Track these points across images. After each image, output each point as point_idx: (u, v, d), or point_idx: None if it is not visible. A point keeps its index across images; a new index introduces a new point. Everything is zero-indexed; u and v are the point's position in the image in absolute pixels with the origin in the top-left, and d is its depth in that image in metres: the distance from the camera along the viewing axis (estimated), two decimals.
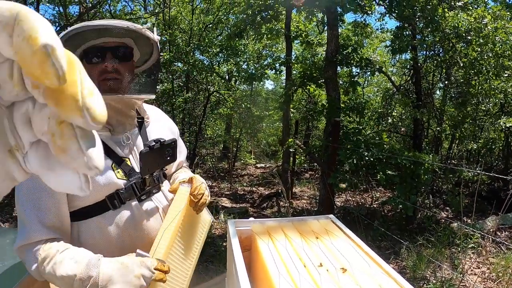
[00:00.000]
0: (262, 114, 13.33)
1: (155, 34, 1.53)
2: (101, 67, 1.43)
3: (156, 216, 1.59)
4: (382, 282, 1.24)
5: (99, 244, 1.45)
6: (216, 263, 5.00)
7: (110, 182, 1.44)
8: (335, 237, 1.59)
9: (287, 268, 1.27)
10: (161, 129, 1.77)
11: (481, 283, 4.61)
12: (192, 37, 12.20)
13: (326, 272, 1.27)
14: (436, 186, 8.45)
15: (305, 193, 9.96)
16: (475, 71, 7.33)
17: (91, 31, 1.37)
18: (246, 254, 1.58)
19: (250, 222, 1.71)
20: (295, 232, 1.60)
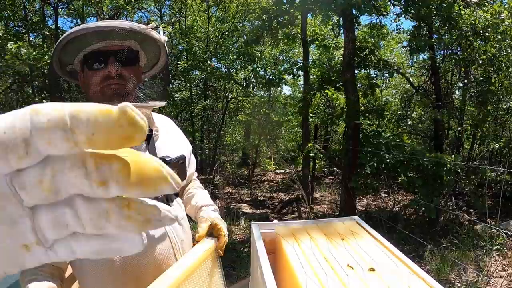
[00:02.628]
0: (281, 119, 13.31)
1: (161, 34, 1.40)
2: (104, 73, 1.32)
3: (165, 242, 1.45)
4: (410, 283, 1.23)
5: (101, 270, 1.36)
6: (237, 268, 4.98)
7: None
8: (361, 238, 1.57)
9: (314, 270, 1.26)
10: (171, 142, 1.62)
11: (508, 285, 4.52)
12: (208, 45, 12.29)
13: (353, 272, 1.26)
14: (458, 187, 8.32)
15: (326, 198, 9.90)
16: (494, 68, 7.21)
17: (92, 34, 1.27)
18: (270, 257, 1.56)
19: (273, 224, 1.70)
20: (320, 234, 1.59)
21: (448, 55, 8.42)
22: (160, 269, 1.37)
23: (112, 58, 1.32)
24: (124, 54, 1.35)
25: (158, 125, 1.58)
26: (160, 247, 1.42)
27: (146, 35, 1.33)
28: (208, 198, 1.79)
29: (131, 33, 1.31)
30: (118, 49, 1.34)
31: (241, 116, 12.93)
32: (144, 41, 1.42)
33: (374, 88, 7.26)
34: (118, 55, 1.33)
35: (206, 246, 1.47)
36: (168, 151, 1.54)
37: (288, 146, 17.51)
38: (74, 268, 1.43)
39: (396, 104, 12.54)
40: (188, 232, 1.63)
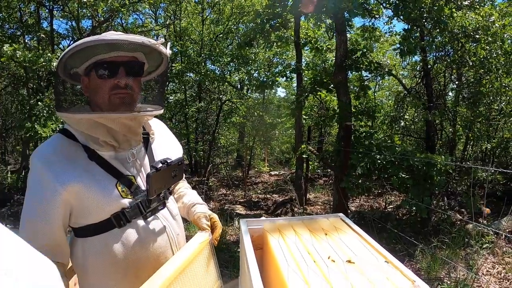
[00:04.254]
0: (275, 121, 13.35)
1: (167, 49, 1.49)
2: (113, 83, 1.40)
3: (163, 235, 1.55)
4: (389, 274, 1.29)
5: (103, 262, 1.43)
6: (230, 268, 5.03)
7: (115, 201, 1.41)
8: (344, 233, 1.64)
9: (296, 262, 1.33)
10: (166, 145, 1.74)
11: (497, 283, 4.59)
12: (203, 47, 12.34)
13: (334, 264, 1.33)
14: (450, 188, 8.41)
15: (319, 199, 9.96)
16: (485, 70, 7.29)
17: (105, 45, 1.34)
18: (259, 252, 1.63)
19: (261, 221, 1.77)
20: (305, 229, 1.66)
21: (440, 57, 8.49)
22: (158, 261, 1.48)
23: (121, 69, 1.40)
24: (132, 66, 1.44)
25: (153, 128, 1.68)
26: (159, 241, 1.52)
27: (154, 50, 1.43)
28: (198, 197, 1.89)
29: (141, 47, 1.41)
30: (127, 60, 1.42)
31: (235, 118, 12.97)
32: (150, 53, 1.52)
33: (366, 89, 7.32)
34: (126, 66, 1.41)
35: (201, 239, 1.56)
36: (165, 152, 1.65)
37: (283, 148, 17.56)
38: (76, 264, 1.50)
39: (390, 106, 12.61)
40: (182, 227, 1.73)
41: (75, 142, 1.43)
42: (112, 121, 1.39)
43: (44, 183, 1.36)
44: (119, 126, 1.42)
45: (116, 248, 1.43)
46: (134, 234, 1.46)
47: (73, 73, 1.48)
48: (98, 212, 1.41)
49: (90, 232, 1.44)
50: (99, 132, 1.40)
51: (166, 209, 1.62)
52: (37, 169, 1.38)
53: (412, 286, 1.23)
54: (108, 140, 1.42)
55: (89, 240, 1.44)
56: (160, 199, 1.56)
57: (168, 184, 1.58)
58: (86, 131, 1.40)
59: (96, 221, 1.42)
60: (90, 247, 1.44)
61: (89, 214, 1.41)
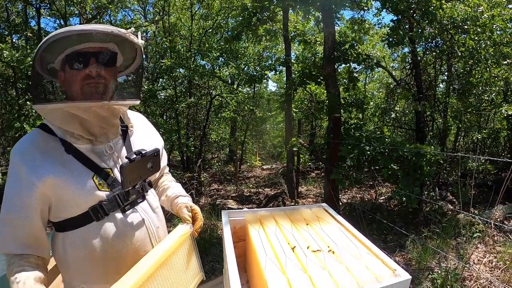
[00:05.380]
0: (266, 115, 13.33)
1: (139, 38, 1.50)
2: (85, 73, 1.40)
3: (142, 228, 1.55)
4: (369, 263, 1.28)
5: (82, 255, 1.44)
6: (221, 262, 5.03)
7: (92, 194, 1.42)
8: (326, 223, 1.63)
9: (275, 252, 1.32)
10: (145, 137, 1.74)
11: (488, 272, 4.61)
12: (192, 42, 12.27)
13: (313, 254, 1.31)
14: (442, 178, 8.43)
15: (311, 192, 9.97)
16: (474, 61, 7.28)
17: (75, 36, 1.34)
18: (242, 243, 1.62)
19: (243, 212, 1.76)
20: (287, 220, 1.65)
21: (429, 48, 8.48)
22: (138, 255, 1.48)
23: (93, 59, 1.41)
24: (104, 56, 1.44)
25: (132, 121, 1.69)
26: (137, 234, 1.53)
27: (125, 39, 1.43)
28: (182, 189, 1.89)
29: (111, 37, 1.40)
30: (99, 51, 1.43)
31: (226, 113, 12.93)
32: (122, 44, 1.51)
33: (355, 81, 7.31)
34: (98, 56, 1.42)
35: (182, 231, 1.56)
36: (143, 145, 1.65)
37: (274, 142, 17.56)
38: (57, 258, 1.51)
39: (380, 98, 12.61)
40: (162, 220, 1.73)
41: (53, 136, 1.44)
42: (84, 111, 1.38)
43: (21, 177, 1.37)
44: (92, 117, 1.40)
45: (94, 242, 1.43)
46: (112, 227, 1.46)
47: (50, 68, 1.47)
48: (75, 205, 1.41)
49: (69, 226, 1.44)
50: (72, 125, 1.40)
51: (146, 201, 1.62)
52: (15, 163, 1.40)
53: (393, 274, 1.22)
54: (82, 133, 1.42)
55: (68, 234, 1.45)
56: (138, 191, 1.56)
57: (144, 175, 1.57)
58: (60, 125, 1.41)
59: (74, 214, 1.42)
60: (69, 241, 1.45)
61: (67, 208, 1.42)
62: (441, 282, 4.10)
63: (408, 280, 1.20)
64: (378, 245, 1.50)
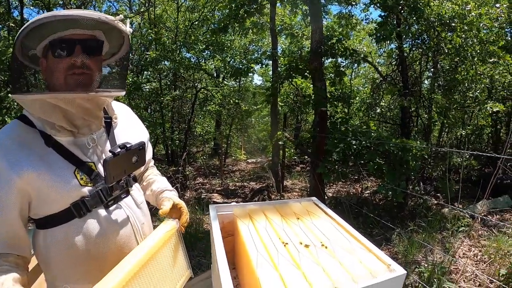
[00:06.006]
0: (251, 109, 13.30)
1: (127, 26, 1.41)
2: (69, 62, 1.31)
3: (127, 225, 1.48)
4: (362, 258, 1.25)
5: (64, 254, 1.37)
6: (208, 257, 5.00)
7: (73, 189, 1.35)
8: (317, 217, 1.60)
9: (266, 247, 1.28)
10: (129, 129, 1.67)
11: (473, 265, 4.66)
12: (178, 34, 12.17)
13: (305, 249, 1.28)
14: (426, 173, 8.50)
15: (297, 185, 9.99)
16: (461, 58, 7.33)
17: (60, 21, 1.24)
18: (231, 239, 1.58)
19: (232, 206, 1.72)
20: (276, 214, 1.61)
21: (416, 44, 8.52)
22: (122, 253, 1.41)
23: (78, 47, 1.32)
24: (90, 44, 1.36)
25: (116, 112, 1.60)
26: (122, 232, 1.46)
27: (113, 27, 1.34)
28: (168, 184, 1.82)
29: (99, 23, 1.30)
30: (84, 38, 1.34)
31: (211, 106, 12.88)
32: (110, 31, 1.42)
33: (342, 76, 7.32)
34: (84, 44, 1.33)
35: (168, 227, 1.51)
36: (127, 137, 1.58)
37: (259, 135, 17.57)
38: (39, 256, 1.43)
39: (366, 93, 12.67)
40: (148, 215, 1.66)
41: (32, 128, 1.35)
42: (68, 103, 1.30)
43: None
44: (76, 108, 1.33)
45: (77, 239, 1.36)
46: (95, 224, 1.39)
47: (31, 55, 1.38)
48: (56, 201, 1.33)
49: (50, 223, 1.37)
50: (54, 116, 1.32)
51: (130, 197, 1.55)
52: None
53: (388, 269, 1.19)
54: (64, 125, 1.34)
55: (49, 231, 1.37)
56: (122, 186, 1.49)
57: (128, 170, 1.50)
58: (42, 115, 1.32)
59: (55, 211, 1.35)
60: (51, 239, 1.37)
61: (48, 204, 1.34)
62: (428, 275, 4.13)
63: (403, 275, 1.18)
64: None
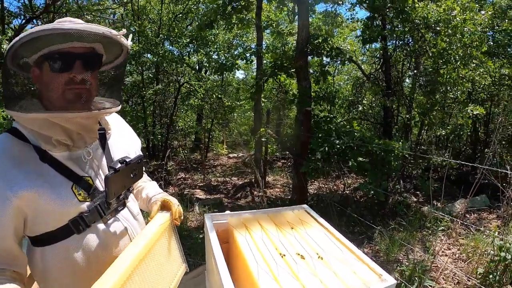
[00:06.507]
0: (234, 104, 13.29)
1: (129, 40, 1.40)
2: (68, 77, 1.27)
3: (125, 238, 1.47)
4: (355, 268, 1.30)
5: (64, 271, 1.34)
6: (193, 255, 5.00)
7: (71, 206, 1.31)
8: (309, 226, 1.64)
9: (265, 259, 1.32)
10: (123, 140, 1.63)
11: (452, 263, 4.78)
12: (161, 27, 12.09)
13: (302, 260, 1.32)
14: (406, 171, 8.63)
15: (278, 181, 10.04)
16: (443, 61, 7.45)
17: (61, 35, 1.20)
18: (224, 246, 1.61)
19: (226, 215, 1.75)
20: (271, 224, 1.65)
21: (400, 45, 8.62)
22: None
23: (78, 62, 1.27)
24: (90, 58, 1.32)
25: (110, 123, 1.57)
26: (121, 244, 1.45)
27: (115, 41, 1.32)
28: (157, 188, 1.82)
29: (101, 38, 1.27)
30: (84, 52, 1.30)
31: (193, 100, 12.83)
32: (110, 44, 1.38)
33: (326, 75, 7.37)
34: (83, 59, 1.29)
35: (161, 220, 1.51)
36: (122, 149, 1.56)
37: (241, 129, 17.56)
38: (37, 274, 1.40)
39: (348, 90, 12.77)
40: (143, 226, 1.64)
41: (25, 143, 1.30)
42: (67, 121, 1.28)
43: None
44: (74, 125, 1.32)
45: (77, 255, 1.34)
46: (95, 239, 1.38)
47: (22, 63, 1.30)
48: (54, 219, 1.30)
49: (48, 241, 1.33)
50: (53, 131, 1.28)
51: (127, 209, 1.54)
52: None
53: (379, 280, 1.24)
54: (62, 138, 1.31)
55: (48, 249, 1.33)
56: (120, 200, 1.48)
57: (127, 184, 1.49)
58: (39, 129, 1.28)
59: (53, 228, 1.31)
60: (49, 256, 1.33)
61: (45, 222, 1.30)
62: (409, 273, 4.24)
63: (394, 284, 1.22)
64: (347, 237, 1.53)
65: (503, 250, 4.02)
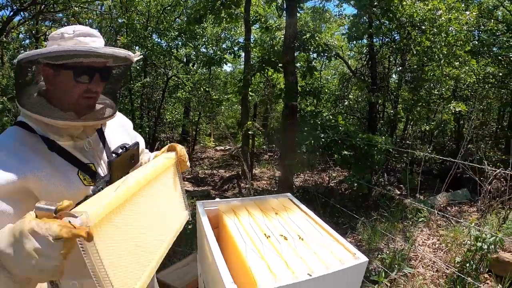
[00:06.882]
0: (221, 97, 13.32)
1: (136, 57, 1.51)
2: (86, 87, 1.41)
3: None
4: (332, 248, 1.46)
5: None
6: (183, 245, 5.12)
7: (79, 190, 1.41)
8: (292, 212, 1.80)
9: (252, 240, 1.47)
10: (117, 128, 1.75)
11: (432, 252, 4.97)
12: (150, 19, 12.06)
13: (285, 241, 1.48)
14: (390, 165, 8.81)
15: (265, 174, 10.16)
16: (428, 58, 7.59)
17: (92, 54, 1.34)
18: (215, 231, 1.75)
19: (216, 202, 1.89)
20: (257, 210, 1.80)
21: (386, 42, 8.75)
22: None
23: (97, 75, 1.42)
24: (105, 72, 1.47)
25: None
26: None
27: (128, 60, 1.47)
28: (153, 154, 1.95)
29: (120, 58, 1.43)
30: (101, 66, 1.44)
31: (181, 93, 12.85)
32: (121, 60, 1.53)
33: (313, 70, 7.49)
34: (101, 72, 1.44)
35: (168, 155, 1.64)
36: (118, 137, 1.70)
37: (228, 122, 17.60)
38: None
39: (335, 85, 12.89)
40: None
41: (33, 134, 1.41)
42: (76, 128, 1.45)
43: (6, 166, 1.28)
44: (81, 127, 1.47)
45: None
46: None
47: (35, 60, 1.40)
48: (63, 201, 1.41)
49: None
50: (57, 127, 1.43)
51: None
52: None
53: (353, 258, 1.40)
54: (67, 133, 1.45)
55: None
56: None
57: (127, 169, 1.61)
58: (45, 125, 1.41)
59: None
60: None
61: None
62: (389, 261, 4.42)
63: (366, 262, 1.38)
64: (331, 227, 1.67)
65: (479, 241, 4.19)
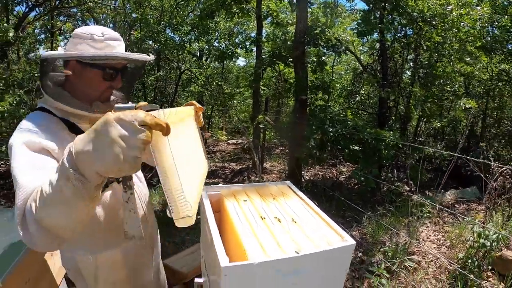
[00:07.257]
0: (233, 91, 13.43)
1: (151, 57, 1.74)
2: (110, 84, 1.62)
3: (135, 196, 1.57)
4: (323, 231, 1.56)
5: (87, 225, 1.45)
6: (191, 234, 5.29)
7: None
8: (289, 198, 1.90)
9: (248, 221, 1.58)
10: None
11: (435, 248, 5.03)
12: (163, 14, 12.18)
13: (279, 223, 1.59)
14: (400, 161, 8.84)
15: (275, 167, 10.23)
16: (439, 54, 7.59)
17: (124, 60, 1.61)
18: (217, 215, 1.86)
19: (219, 187, 2.01)
20: (256, 195, 1.91)
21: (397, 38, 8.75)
22: None
23: (120, 75, 1.65)
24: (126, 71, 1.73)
25: None
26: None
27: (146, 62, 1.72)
28: None
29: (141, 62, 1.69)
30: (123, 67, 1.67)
31: (194, 87, 12.98)
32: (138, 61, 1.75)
33: (323, 65, 7.55)
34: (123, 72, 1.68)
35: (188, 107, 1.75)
36: None
37: (241, 116, 17.70)
38: None
39: (347, 80, 12.90)
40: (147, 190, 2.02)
41: (55, 117, 1.55)
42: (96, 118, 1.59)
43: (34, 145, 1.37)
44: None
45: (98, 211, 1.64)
46: (113, 197, 1.69)
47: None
48: None
49: None
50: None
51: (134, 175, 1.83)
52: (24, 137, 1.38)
53: (342, 240, 1.50)
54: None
55: None
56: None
57: None
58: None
59: None
60: None
61: None
62: (392, 254, 4.50)
63: (353, 244, 1.48)
64: (337, 220, 1.77)
65: (482, 237, 4.22)
